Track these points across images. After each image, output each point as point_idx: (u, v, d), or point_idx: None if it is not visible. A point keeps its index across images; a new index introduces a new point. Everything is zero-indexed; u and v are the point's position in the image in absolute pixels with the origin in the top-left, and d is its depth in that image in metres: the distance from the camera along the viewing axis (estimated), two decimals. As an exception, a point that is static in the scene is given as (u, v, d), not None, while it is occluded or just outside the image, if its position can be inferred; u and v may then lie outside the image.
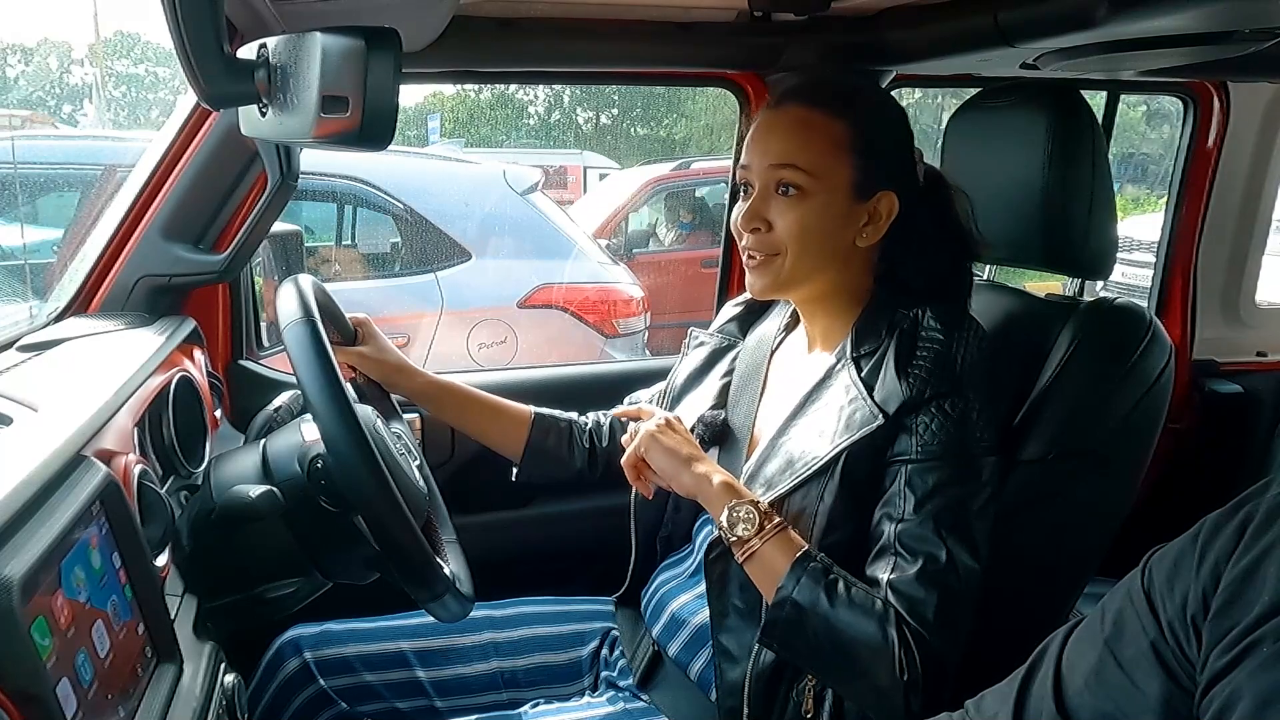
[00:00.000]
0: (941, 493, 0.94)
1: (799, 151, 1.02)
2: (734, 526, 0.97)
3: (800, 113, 1.04)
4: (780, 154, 1.03)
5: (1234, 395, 1.96)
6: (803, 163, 1.02)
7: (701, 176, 5.84)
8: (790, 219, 1.03)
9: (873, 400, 0.99)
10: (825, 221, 1.03)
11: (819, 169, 1.02)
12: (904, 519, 0.95)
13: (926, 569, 0.92)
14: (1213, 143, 1.90)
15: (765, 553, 0.95)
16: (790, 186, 1.02)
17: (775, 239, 1.04)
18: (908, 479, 0.95)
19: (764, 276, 1.06)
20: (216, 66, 0.70)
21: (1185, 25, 1.08)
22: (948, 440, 0.95)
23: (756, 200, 1.05)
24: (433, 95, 10.61)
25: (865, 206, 1.05)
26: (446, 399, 1.33)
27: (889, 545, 0.94)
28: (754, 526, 0.96)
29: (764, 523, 0.96)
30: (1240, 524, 0.60)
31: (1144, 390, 1.13)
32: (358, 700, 1.21)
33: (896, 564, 0.93)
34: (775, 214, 1.03)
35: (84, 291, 1.34)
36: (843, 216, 1.04)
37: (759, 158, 1.05)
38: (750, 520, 0.96)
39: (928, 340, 1.00)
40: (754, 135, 1.07)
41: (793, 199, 1.03)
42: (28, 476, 0.70)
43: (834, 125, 1.03)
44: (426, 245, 3.77)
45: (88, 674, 0.68)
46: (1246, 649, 0.54)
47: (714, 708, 1.08)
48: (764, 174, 1.04)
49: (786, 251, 1.04)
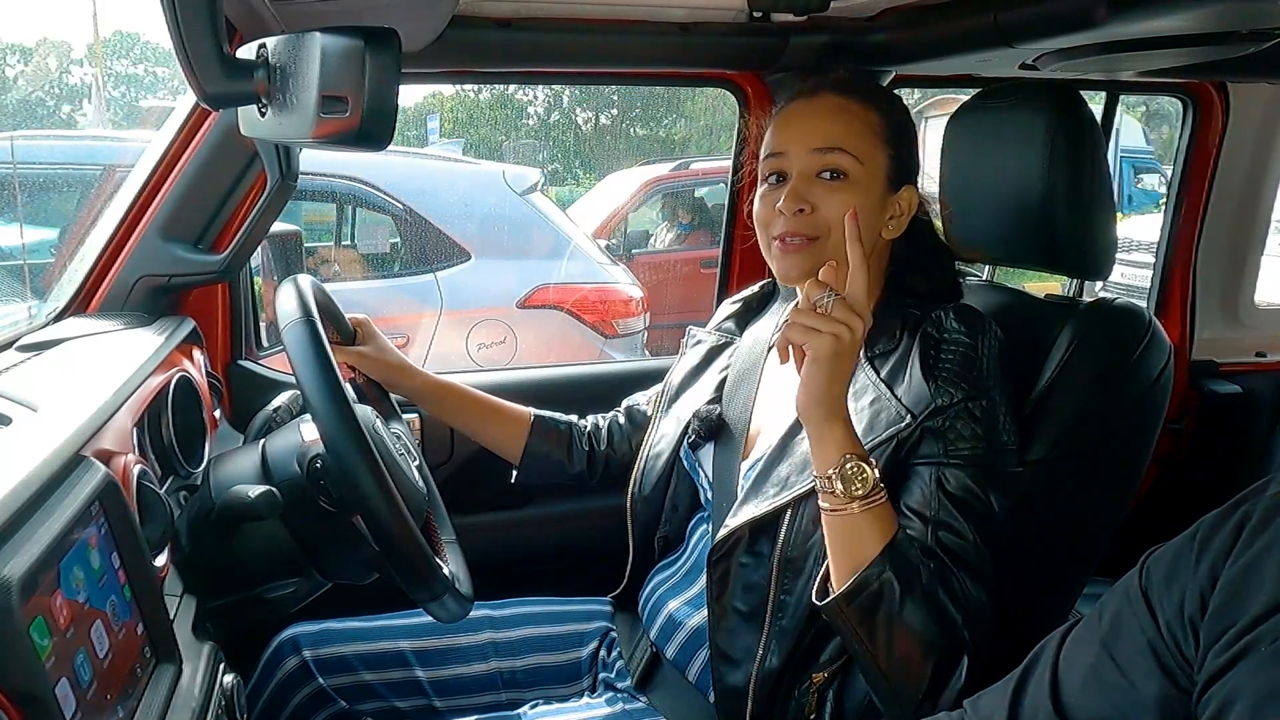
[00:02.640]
0: (972, 496, 0.95)
1: (844, 136, 1.03)
2: (847, 482, 0.89)
3: (839, 100, 1.05)
4: (826, 138, 1.03)
5: (1233, 395, 1.96)
6: (849, 146, 1.02)
7: (700, 177, 5.84)
8: (836, 203, 1.02)
9: (899, 401, 0.98)
10: (867, 208, 1.03)
11: (863, 154, 1.03)
12: (940, 521, 0.94)
13: (970, 575, 0.93)
14: (1212, 143, 1.90)
15: (860, 521, 0.90)
16: (836, 171, 1.02)
17: (819, 220, 1.03)
18: (939, 480, 0.95)
19: (804, 260, 1.03)
20: (216, 66, 0.70)
21: (1185, 26, 1.08)
22: (977, 443, 0.96)
23: (798, 183, 1.03)
24: (432, 95, 10.61)
25: (894, 198, 1.06)
26: (446, 399, 1.33)
27: (930, 548, 0.94)
28: (866, 488, 0.89)
29: (873, 489, 0.90)
30: (1238, 524, 0.60)
31: (1143, 390, 1.13)
32: (356, 699, 1.21)
33: (943, 570, 0.93)
34: (818, 197, 1.03)
35: (83, 291, 1.34)
36: (879, 205, 1.05)
37: (798, 143, 1.04)
38: (865, 480, 0.89)
39: (952, 342, 0.99)
40: (787, 121, 1.07)
41: (838, 184, 1.03)
42: (27, 476, 0.70)
43: (871, 114, 1.04)
44: (426, 245, 3.77)
45: (87, 674, 0.68)
46: (1244, 648, 0.54)
47: (712, 709, 1.08)
48: (805, 159, 1.03)
49: (830, 234, 1.02)
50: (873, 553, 0.89)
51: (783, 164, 1.06)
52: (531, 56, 1.46)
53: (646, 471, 1.25)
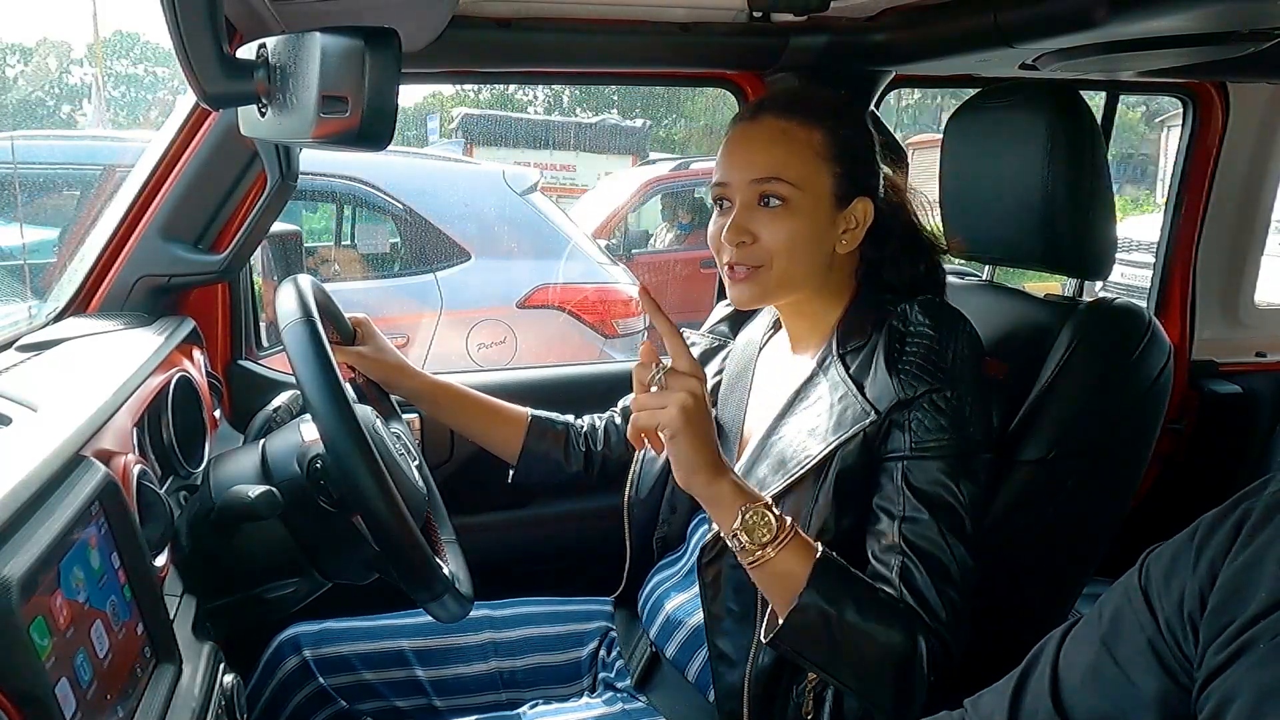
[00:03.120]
0: (940, 489, 0.94)
1: (782, 164, 1.02)
2: (751, 532, 0.91)
3: (778, 124, 1.04)
4: (764, 167, 1.02)
5: (1233, 395, 1.96)
6: (787, 175, 1.02)
7: (700, 177, 5.84)
8: (775, 230, 1.02)
9: (864, 397, 0.98)
10: (810, 231, 1.03)
11: (802, 180, 1.02)
12: (906, 517, 0.94)
13: (937, 570, 0.92)
14: (1212, 143, 1.90)
15: (781, 560, 0.91)
16: (775, 198, 1.02)
17: (761, 251, 1.03)
18: (904, 476, 0.95)
19: (751, 288, 1.05)
20: (216, 66, 0.70)
21: (1185, 26, 1.08)
22: (941, 435, 0.95)
23: (739, 214, 1.03)
24: (432, 95, 10.61)
25: (844, 214, 1.05)
26: (445, 399, 1.33)
27: (895, 544, 0.94)
28: (772, 532, 0.90)
29: (779, 530, 0.91)
30: (1237, 522, 0.60)
31: (1143, 390, 1.13)
32: (357, 699, 1.21)
33: (905, 565, 0.93)
34: (760, 226, 1.03)
35: (83, 291, 1.34)
36: (826, 225, 1.04)
37: (738, 172, 1.04)
38: (768, 527, 0.90)
39: (917, 336, 0.99)
40: (729, 149, 1.06)
41: (777, 210, 1.02)
42: (27, 476, 0.70)
43: (813, 134, 1.03)
44: (426, 245, 3.77)
45: (86, 674, 0.68)
46: (1243, 646, 0.54)
47: (712, 708, 1.08)
48: (746, 189, 1.03)
49: (773, 263, 1.03)
50: (801, 583, 0.90)
51: (725, 192, 1.06)
52: (531, 56, 1.47)
53: (643, 474, 1.25)
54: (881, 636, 0.90)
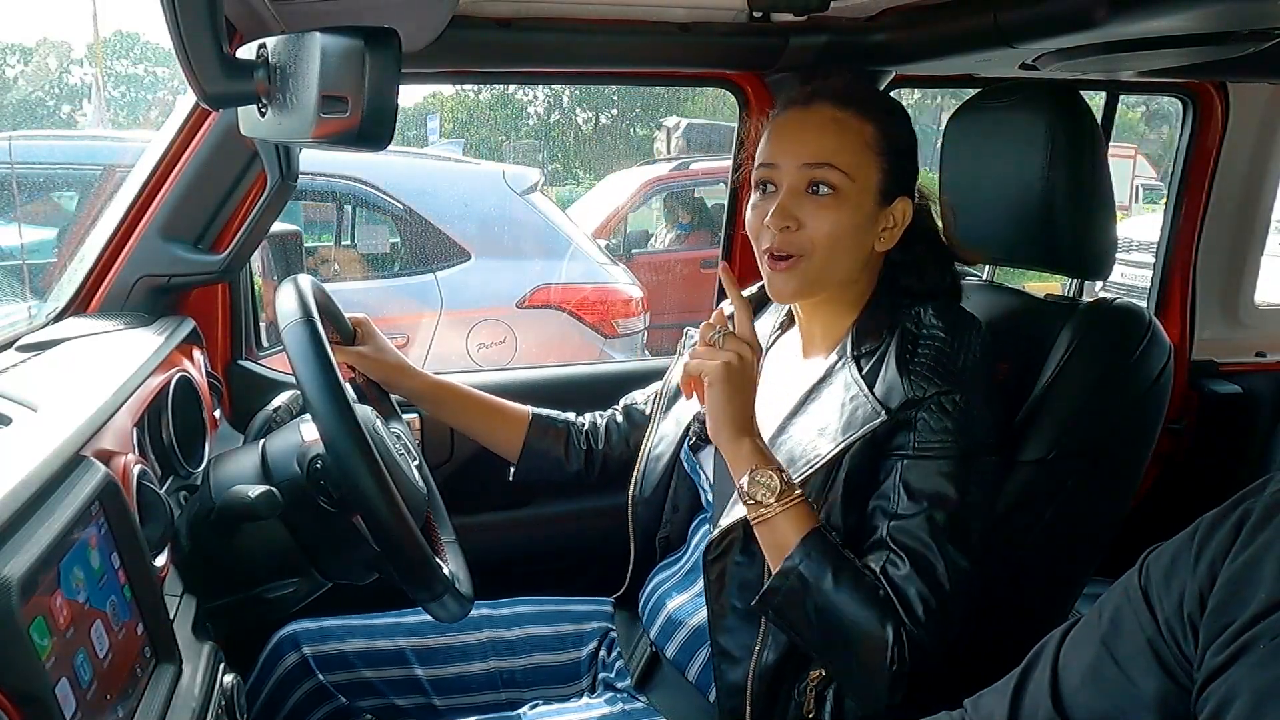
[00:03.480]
0: (936, 490, 0.95)
1: (835, 152, 1.01)
2: (754, 491, 0.96)
3: (833, 112, 1.03)
4: (816, 153, 1.02)
5: (1233, 395, 1.96)
6: (840, 163, 1.01)
7: (700, 177, 5.83)
8: (823, 220, 1.02)
9: (874, 397, 0.99)
10: (854, 225, 1.03)
11: (854, 170, 1.02)
12: (897, 515, 0.95)
13: (920, 567, 0.93)
14: (1212, 143, 1.90)
15: (779, 522, 0.95)
16: (825, 186, 1.01)
17: (804, 239, 1.02)
18: (902, 474, 0.96)
19: (792, 280, 1.04)
20: (216, 66, 0.70)
21: (1185, 25, 1.08)
22: (945, 437, 0.96)
23: (786, 198, 1.03)
24: (432, 95, 10.62)
25: (886, 212, 1.05)
26: (445, 399, 1.33)
27: (882, 540, 0.95)
28: (774, 493, 0.95)
29: (784, 492, 0.95)
30: (1237, 522, 0.60)
31: (1143, 390, 1.13)
32: (356, 696, 1.22)
33: (889, 559, 0.94)
34: (806, 213, 1.02)
35: (83, 291, 1.34)
36: (869, 221, 1.04)
37: (789, 156, 1.03)
38: (771, 487, 0.95)
39: (930, 338, 1.00)
40: (780, 132, 1.05)
41: (826, 199, 1.02)
42: (27, 476, 0.70)
43: (866, 127, 1.03)
44: (426, 245, 3.77)
45: (86, 674, 0.68)
46: (1243, 646, 0.54)
47: (712, 708, 1.08)
48: (795, 173, 1.02)
49: (814, 253, 1.03)
50: (792, 545, 0.94)
51: (773, 175, 1.05)
52: (531, 56, 1.46)
53: (647, 473, 1.25)
54: (850, 612, 0.92)
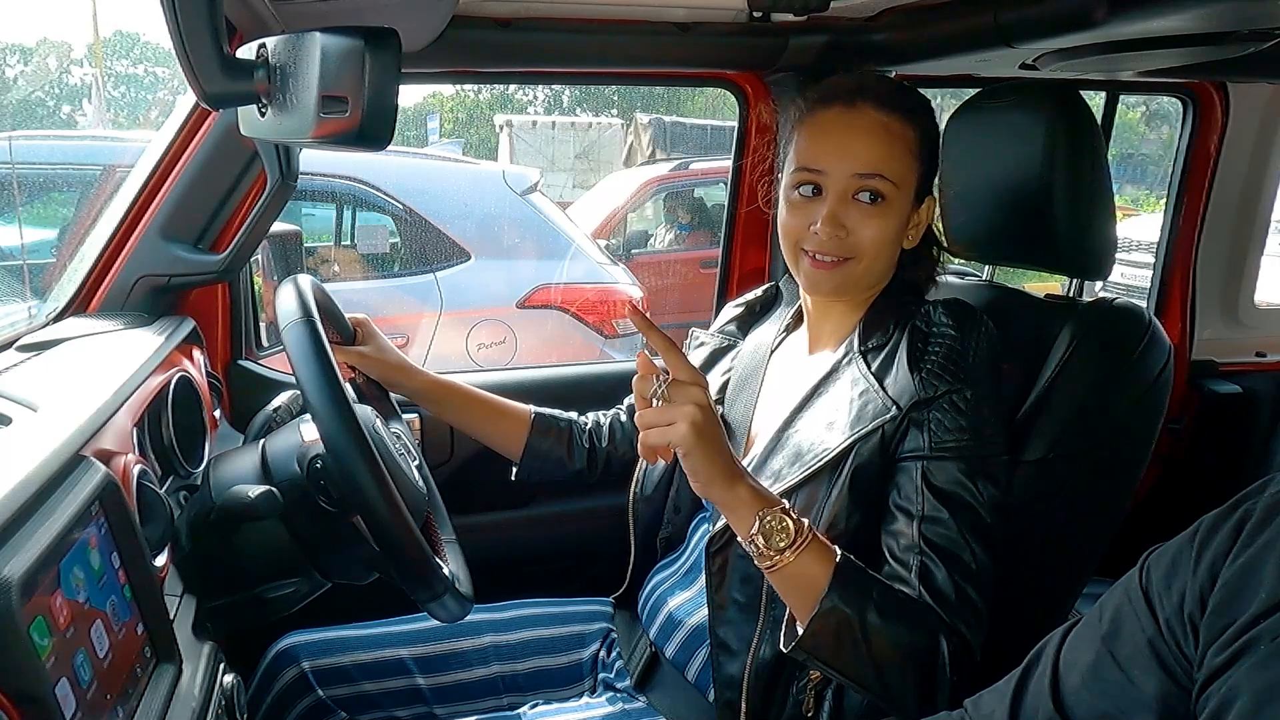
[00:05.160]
0: (960, 489, 0.95)
1: (885, 160, 1.01)
2: (769, 537, 0.89)
3: (879, 116, 1.02)
4: (869, 163, 1.01)
5: (1233, 395, 1.97)
6: (890, 173, 1.01)
7: (700, 177, 5.84)
8: (871, 227, 1.02)
9: (885, 393, 0.99)
10: (898, 229, 1.04)
11: (900, 178, 1.02)
12: (926, 517, 0.94)
13: (958, 569, 0.92)
14: (1212, 143, 1.90)
15: (799, 564, 0.89)
16: (876, 195, 1.01)
17: (851, 244, 1.02)
18: (924, 475, 0.95)
19: (835, 279, 1.04)
20: (215, 67, 0.70)
21: (1185, 25, 1.08)
22: (960, 435, 0.96)
23: (835, 205, 1.02)
24: (432, 95, 10.61)
25: (917, 211, 1.06)
26: (447, 398, 1.33)
27: (914, 544, 0.93)
28: (789, 538, 0.88)
29: (799, 531, 0.89)
30: (1238, 523, 0.60)
31: (1143, 390, 1.13)
32: (357, 709, 1.21)
33: (925, 564, 0.92)
34: (854, 220, 1.02)
35: (83, 291, 1.34)
36: (906, 223, 1.06)
37: (839, 162, 1.02)
38: (786, 532, 0.88)
39: (940, 336, 1.00)
40: (825, 134, 1.03)
41: (876, 207, 1.02)
42: (27, 476, 0.70)
43: (908, 131, 1.03)
44: (426, 245, 3.77)
45: (86, 674, 0.68)
46: (1244, 646, 0.54)
47: (712, 708, 1.08)
48: (845, 180, 1.01)
49: (863, 257, 1.03)
50: (822, 588, 0.88)
51: (820, 180, 1.03)
52: (531, 56, 1.46)
53: (648, 473, 1.25)
54: (904, 638, 0.89)
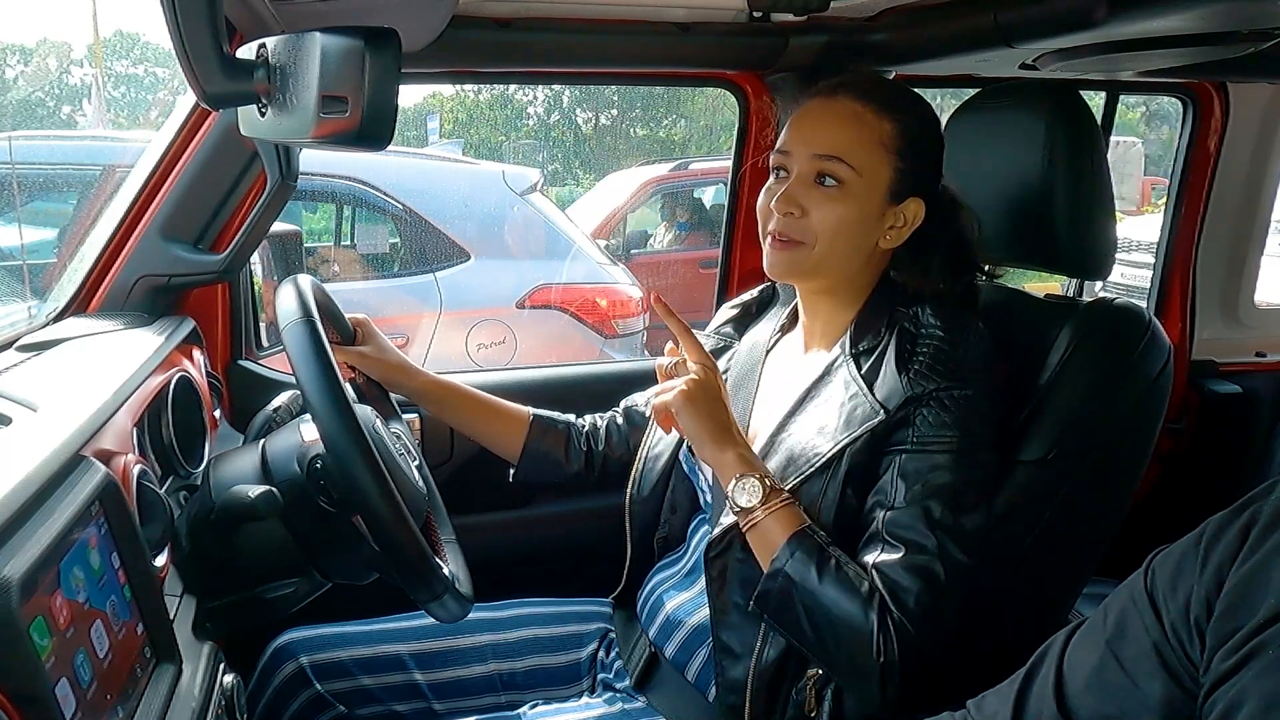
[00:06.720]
0: (934, 482, 0.95)
1: (848, 146, 1.02)
2: (739, 498, 0.98)
3: (854, 106, 1.04)
4: (829, 145, 1.03)
5: (1233, 396, 1.97)
6: (850, 158, 1.02)
7: (700, 177, 5.83)
8: (827, 212, 1.03)
9: (874, 396, 0.99)
10: (859, 219, 1.04)
11: (864, 166, 1.02)
12: (894, 507, 0.96)
13: (913, 558, 0.93)
14: (1212, 143, 1.90)
15: (766, 525, 0.97)
16: (832, 178, 1.03)
17: (807, 226, 1.04)
18: (900, 467, 0.96)
19: (785, 260, 1.06)
20: (215, 67, 0.70)
21: (1185, 25, 1.08)
22: (944, 431, 0.96)
23: (795, 185, 1.04)
24: (432, 95, 10.62)
25: (896, 210, 1.06)
26: (447, 398, 1.33)
27: (878, 532, 0.96)
28: (759, 498, 0.97)
29: (769, 496, 0.97)
30: (1244, 526, 0.59)
31: (1143, 390, 1.13)
32: (355, 704, 1.21)
33: (883, 550, 0.94)
34: (812, 203, 1.03)
35: (83, 291, 1.34)
36: (875, 216, 1.05)
37: (803, 145, 1.04)
38: (755, 492, 0.98)
39: (928, 337, 1.00)
40: (800, 121, 1.07)
41: (832, 191, 1.03)
42: (27, 476, 0.70)
43: (884, 124, 1.03)
44: (425, 245, 3.77)
45: (86, 674, 0.68)
46: (1251, 652, 0.54)
47: (712, 708, 1.08)
48: (807, 162, 1.04)
49: (816, 242, 1.04)
50: (779, 547, 0.96)
51: (785, 161, 1.06)
52: (531, 56, 1.46)
53: (645, 473, 1.25)
54: (835, 606, 0.92)
